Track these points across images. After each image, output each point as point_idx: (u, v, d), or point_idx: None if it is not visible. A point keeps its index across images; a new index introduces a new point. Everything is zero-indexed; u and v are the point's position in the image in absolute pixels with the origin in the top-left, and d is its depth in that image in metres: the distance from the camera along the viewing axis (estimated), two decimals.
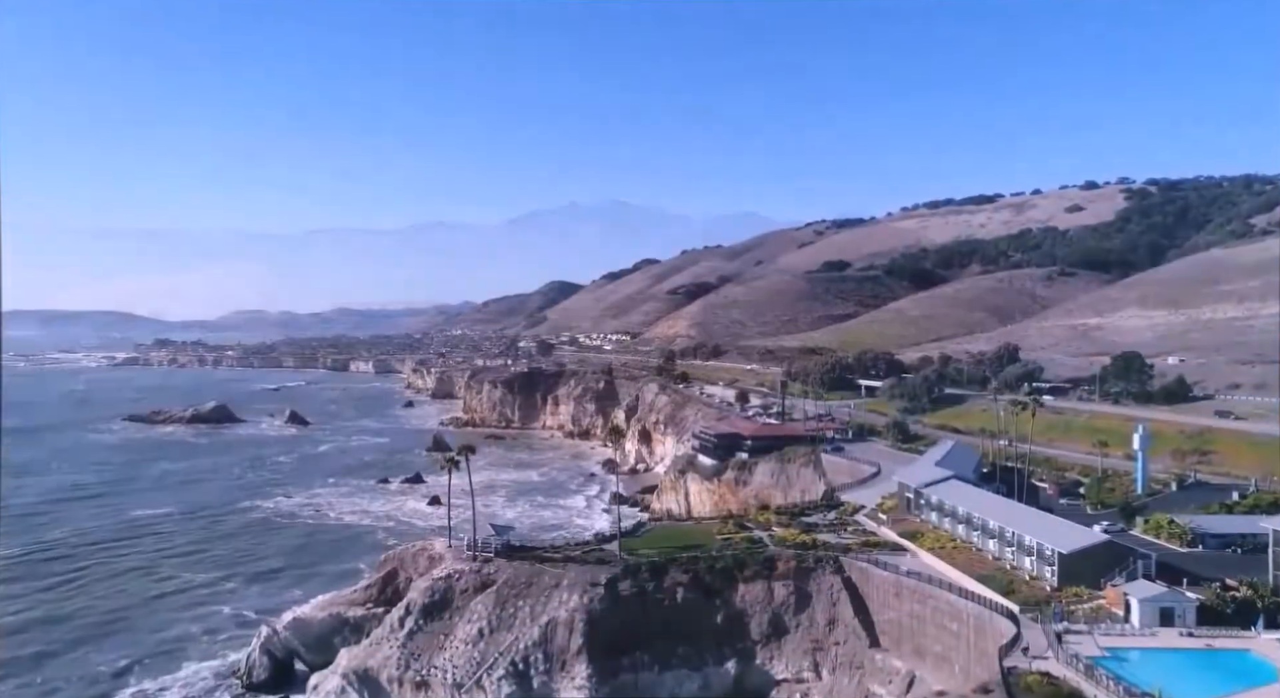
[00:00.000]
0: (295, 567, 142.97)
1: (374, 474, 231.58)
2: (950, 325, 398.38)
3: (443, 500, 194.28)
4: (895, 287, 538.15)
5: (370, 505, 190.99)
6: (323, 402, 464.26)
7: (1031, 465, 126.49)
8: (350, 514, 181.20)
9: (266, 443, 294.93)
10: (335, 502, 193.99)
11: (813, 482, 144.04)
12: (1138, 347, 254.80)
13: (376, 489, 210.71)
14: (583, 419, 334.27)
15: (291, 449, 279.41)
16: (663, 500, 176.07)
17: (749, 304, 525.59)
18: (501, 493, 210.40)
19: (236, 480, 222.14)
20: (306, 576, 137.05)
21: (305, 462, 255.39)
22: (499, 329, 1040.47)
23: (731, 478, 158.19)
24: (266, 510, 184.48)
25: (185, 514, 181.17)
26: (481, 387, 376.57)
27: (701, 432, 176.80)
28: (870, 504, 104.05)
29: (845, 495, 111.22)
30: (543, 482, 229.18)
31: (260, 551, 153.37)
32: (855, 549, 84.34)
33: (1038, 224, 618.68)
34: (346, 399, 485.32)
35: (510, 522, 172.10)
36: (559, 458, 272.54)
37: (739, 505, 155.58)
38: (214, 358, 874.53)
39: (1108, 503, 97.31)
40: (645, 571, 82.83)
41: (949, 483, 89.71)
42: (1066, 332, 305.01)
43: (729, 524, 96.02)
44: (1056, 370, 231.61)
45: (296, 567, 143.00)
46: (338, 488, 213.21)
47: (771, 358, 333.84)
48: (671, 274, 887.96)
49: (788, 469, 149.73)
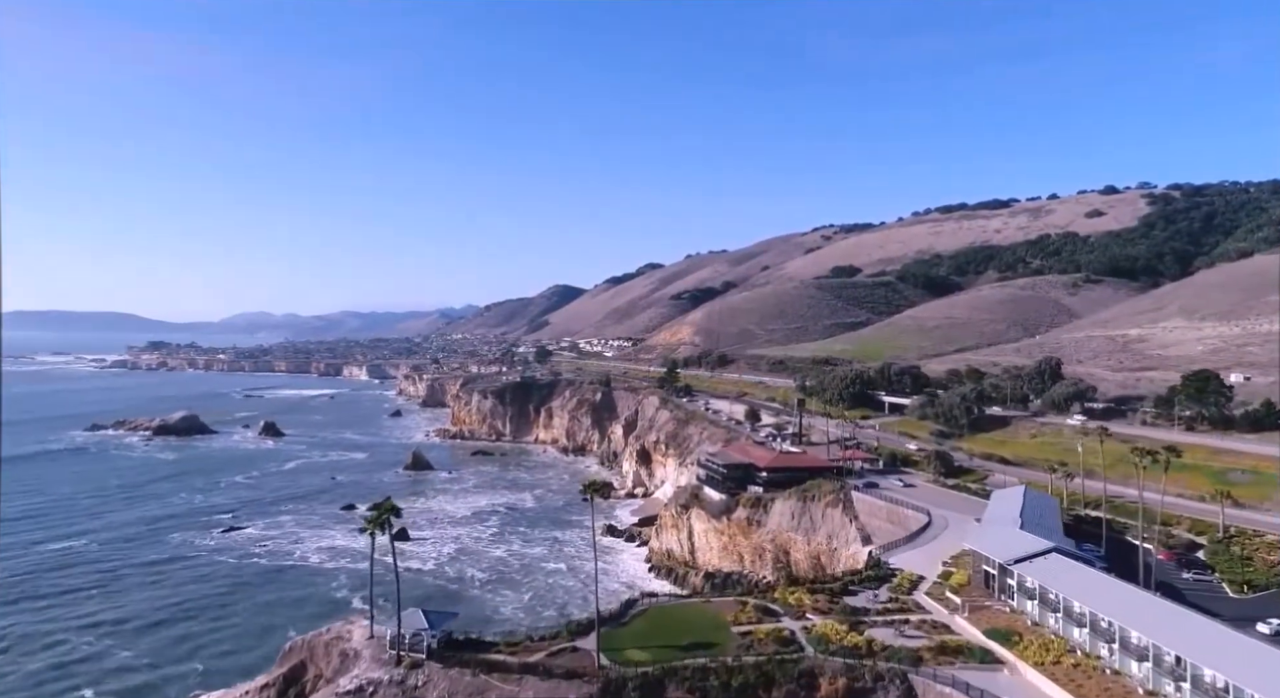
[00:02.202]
0: (208, 637, 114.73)
1: (341, 498, 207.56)
2: (971, 335, 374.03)
3: (411, 534, 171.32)
4: (909, 293, 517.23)
5: (328, 539, 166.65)
6: (307, 410, 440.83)
7: (1119, 516, 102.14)
8: (302, 552, 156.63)
9: (232, 458, 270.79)
10: (288, 534, 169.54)
11: (842, 526, 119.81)
12: (1189, 361, 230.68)
13: (340, 518, 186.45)
14: (578, 434, 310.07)
15: (258, 466, 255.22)
16: (662, 539, 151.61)
17: (756, 311, 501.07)
18: (492, 522, 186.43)
19: (183, 504, 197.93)
20: (218, 652, 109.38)
21: (268, 481, 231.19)
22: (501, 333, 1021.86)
23: (743, 517, 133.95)
24: (203, 548, 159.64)
25: (103, 547, 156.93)
26: (471, 397, 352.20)
27: (708, 460, 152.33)
28: (930, 575, 79.66)
29: (894, 559, 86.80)
30: (536, 508, 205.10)
31: (171, 609, 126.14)
32: (928, 659, 59.91)
33: (1056, 230, 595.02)
34: (332, 408, 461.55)
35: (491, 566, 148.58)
36: (554, 478, 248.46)
37: (752, 552, 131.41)
38: (205, 361, 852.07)
39: (1253, 581, 72.76)
40: (634, 689, 58.58)
41: (1049, 560, 65.43)
42: (1105, 344, 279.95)
43: (748, 609, 71.57)
44: (1100, 387, 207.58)
45: (209, 637, 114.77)
46: (296, 515, 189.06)
47: (782, 369, 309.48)
48: (675, 278, 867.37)
49: (811, 509, 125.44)
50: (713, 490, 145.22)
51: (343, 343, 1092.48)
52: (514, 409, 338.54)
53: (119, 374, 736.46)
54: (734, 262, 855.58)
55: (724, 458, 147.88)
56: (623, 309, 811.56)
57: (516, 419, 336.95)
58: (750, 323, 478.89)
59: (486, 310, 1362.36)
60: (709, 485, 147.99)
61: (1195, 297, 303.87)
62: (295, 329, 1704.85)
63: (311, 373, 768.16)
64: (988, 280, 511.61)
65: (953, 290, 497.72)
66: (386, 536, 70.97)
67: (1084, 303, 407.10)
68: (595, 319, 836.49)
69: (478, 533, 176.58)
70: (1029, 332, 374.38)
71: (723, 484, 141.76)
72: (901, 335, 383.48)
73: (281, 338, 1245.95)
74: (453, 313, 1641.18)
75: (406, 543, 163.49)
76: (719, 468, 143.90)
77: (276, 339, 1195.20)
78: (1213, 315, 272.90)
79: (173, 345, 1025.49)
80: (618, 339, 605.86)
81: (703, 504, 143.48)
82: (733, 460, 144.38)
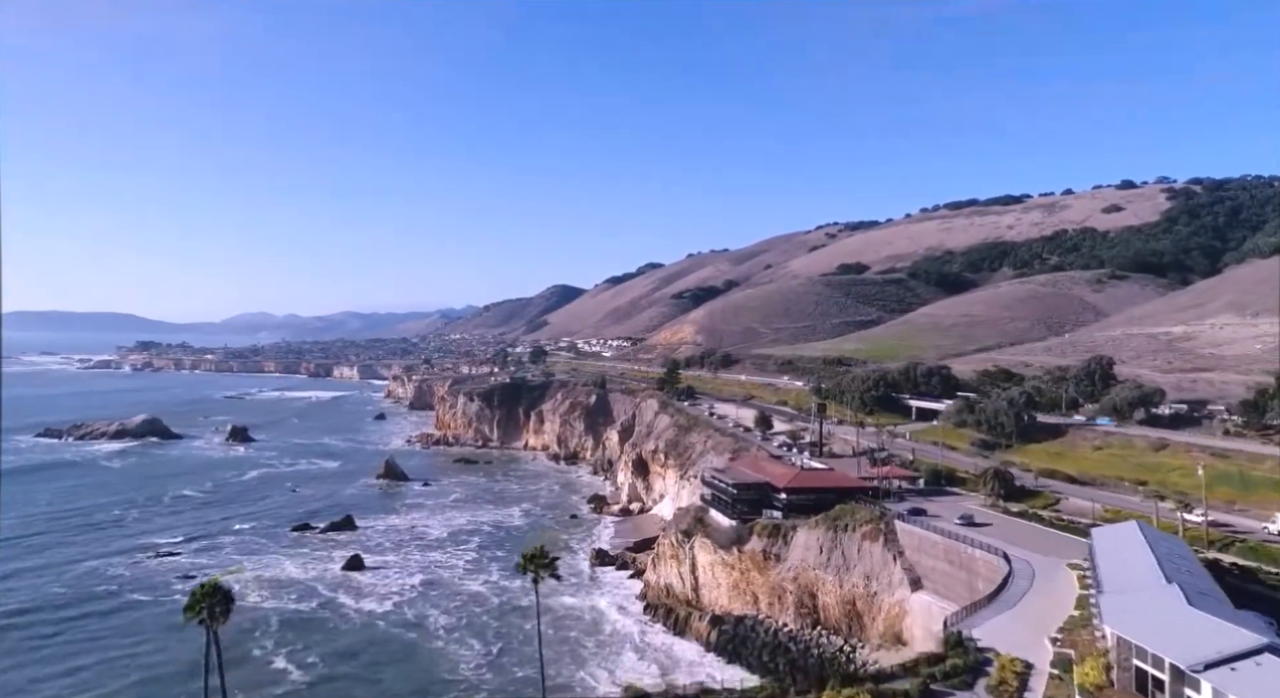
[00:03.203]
0: None
1: (297, 514, 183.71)
2: (992, 334, 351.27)
3: (368, 562, 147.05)
4: (920, 291, 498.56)
5: (269, 567, 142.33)
6: (287, 412, 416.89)
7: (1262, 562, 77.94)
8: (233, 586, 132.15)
9: (189, 467, 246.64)
10: (223, 563, 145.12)
11: (883, 565, 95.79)
12: (1249, 360, 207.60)
13: (287, 540, 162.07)
14: (570, 440, 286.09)
15: (214, 476, 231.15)
16: (660, 572, 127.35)
17: (760, 309, 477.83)
18: (470, 545, 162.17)
19: (111, 523, 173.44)
20: None
21: (221, 494, 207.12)
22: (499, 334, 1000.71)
23: (758, 549, 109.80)
24: (113, 580, 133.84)
25: None
26: (456, 399, 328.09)
27: (714, 477, 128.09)
28: (1039, 661, 55.53)
29: (978, 630, 62.58)
30: (522, 526, 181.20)
31: (32, 666, 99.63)
32: None
33: (1073, 225, 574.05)
34: (313, 410, 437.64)
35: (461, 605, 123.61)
36: (544, 490, 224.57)
37: (769, 592, 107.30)
38: (192, 362, 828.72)
39: None
40: None
41: (1264, 666, 41.49)
42: (1146, 342, 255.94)
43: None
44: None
45: None
46: (239, 536, 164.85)
47: (792, 370, 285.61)
48: (676, 278, 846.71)
49: (843, 541, 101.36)
50: (720, 515, 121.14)
51: (338, 343, 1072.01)
52: (502, 413, 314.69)
53: (100, 375, 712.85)
54: (736, 261, 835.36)
55: (734, 475, 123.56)
56: (623, 309, 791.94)
57: (505, 424, 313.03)
58: (755, 321, 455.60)
59: (485, 310, 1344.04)
60: (716, 508, 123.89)
61: (1244, 292, 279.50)
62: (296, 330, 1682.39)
63: (301, 374, 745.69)
64: (1003, 277, 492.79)
65: (967, 288, 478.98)
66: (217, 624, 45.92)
67: (1110, 300, 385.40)
68: (595, 319, 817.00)
69: (452, 559, 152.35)
70: (1053, 330, 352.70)
71: (733, 508, 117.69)
72: (917, 334, 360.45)
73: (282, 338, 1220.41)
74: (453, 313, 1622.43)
75: (362, 574, 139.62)
76: (728, 488, 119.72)
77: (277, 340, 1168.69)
78: (1266, 311, 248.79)
79: (162, 345, 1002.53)
80: (617, 339, 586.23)
81: (709, 532, 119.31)
82: (745, 479, 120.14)
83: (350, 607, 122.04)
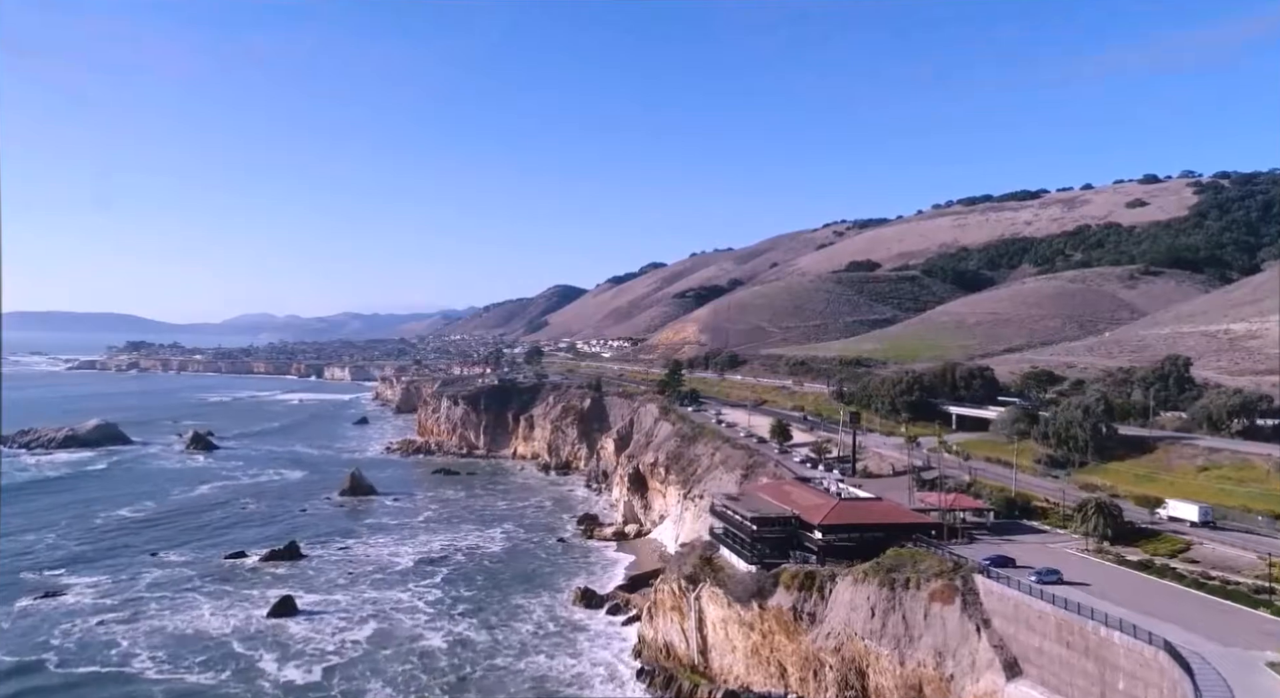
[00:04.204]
0: None
1: (238, 539, 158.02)
2: (1020, 333, 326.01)
3: (299, 604, 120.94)
4: (936, 288, 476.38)
5: (184, 613, 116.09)
6: (264, 416, 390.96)
7: None
8: (127, 644, 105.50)
9: (135, 480, 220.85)
10: (129, 604, 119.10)
11: (962, 638, 69.82)
12: None
13: (217, 574, 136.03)
14: (562, 448, 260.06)
15: (160, 490, 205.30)
16: (658, 625, 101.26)
17: (768, 307, 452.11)
18: (437, 579, 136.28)
19: (19, 552, 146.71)
20: None
21: (159, 514, 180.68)
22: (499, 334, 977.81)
23: (787, 606, 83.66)
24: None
25: None
26: (440, 402, 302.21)
27: (726, 506, 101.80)
28: None
29: None
30: (502, 553, 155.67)
31: None
32: None
33: (1095, 220, 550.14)
34: (293, 413, 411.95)
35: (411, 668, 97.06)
36: (531, 507, 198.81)
37: (801, 664, 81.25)
38: (179, 362, 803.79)
39: None
40: None
41: None
42: (1202, 341, 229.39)
43: None
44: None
45: None
46: (164, 568, 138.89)
47: (805, 371, 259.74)
48: (679, 277, 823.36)
49: (904, 602, 75.25)
50: (734, 556, 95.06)
51: (334, 344, 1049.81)
52: (489, 417, 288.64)
53: (80, 376, 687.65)
54: (740, 259, 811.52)
55: (752, 505, 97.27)
56: (624, 309, 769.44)
57: (492, 429, 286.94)
58: (762, 320, 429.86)
59: (485, 311, 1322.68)
60: (729, 547, 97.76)
61: None
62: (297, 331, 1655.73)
63: (292, 375, 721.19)
64: (1023, 274, 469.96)
65: (985, 285, 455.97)
66: None
67: (1145, 297, 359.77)
68: (596, 319, 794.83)
69: (412, 599, 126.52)
70: (1085, 328, 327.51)
71: (751, 548, 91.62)
72: (940, 333, 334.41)
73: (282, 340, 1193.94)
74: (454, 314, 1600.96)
75: (295, 622, 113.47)
76: (745, 522, 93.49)
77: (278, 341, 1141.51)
78: None
79: (154, 345, 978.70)
80: (617, 339, 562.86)
81: (720, 578, 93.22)
82: (767, 512, 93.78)
83: (267, 675, 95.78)
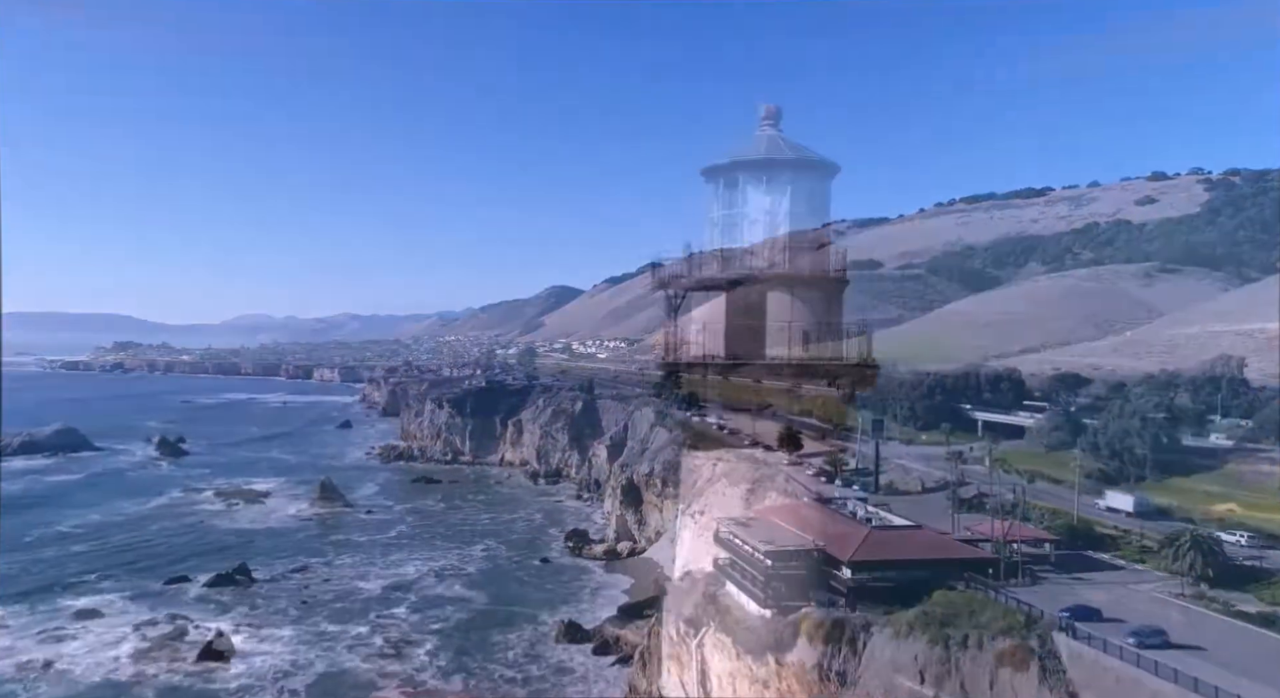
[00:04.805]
0: None
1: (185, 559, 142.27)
2: (1035, 333, 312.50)
3: (233, 649, 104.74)
4: (942, 287, 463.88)
5: (91, 653, 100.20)
6: (243, 419, 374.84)
7: None
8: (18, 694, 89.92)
9: (88, 490, 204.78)
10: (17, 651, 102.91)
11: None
12: None
13: (151, 602, 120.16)
14: (552, 454, 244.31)
15: (112, 503, 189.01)
16: (652, 676, 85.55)
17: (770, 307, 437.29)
18: (401, 610, 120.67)
19: None
20: None
21: (105, 530, 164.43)
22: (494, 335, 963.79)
23: (809, 662, 67.65)
24: None
25: None
26: (424, 406, 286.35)
27: (733, 534, 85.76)
28: None
29: None
30: (480, 577, 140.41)
31: None
32: None
33: (1104, 218, 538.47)
34: (274, 416, 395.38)
35: None
36: (518, 520, 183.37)
37: None
38: (166, 364, 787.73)
39: None
40: None
41: None
42: (1239, 341, 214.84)
43: None
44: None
45: None
46: (93, 594, 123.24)
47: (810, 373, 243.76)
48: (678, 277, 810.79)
49: (961, 665, 59.53)
50: (744, 595, 79.09)
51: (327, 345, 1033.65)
52: (475, 422, 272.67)
53: (61, 376, 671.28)
54: None
55: (765, 535, 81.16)
56: (621, 309, 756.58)
57: (478, 434, 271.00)
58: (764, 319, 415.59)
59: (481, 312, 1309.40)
60: (737, 583, 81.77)
61: None
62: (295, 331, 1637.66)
63: (280, 376, 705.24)
64: (1030, 273, 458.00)
65: (992, 284, 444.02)
66: None
67: (1163, 295, 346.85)
68: (593, 320, 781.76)
69: (372, 634, 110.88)
70: (1102, 328, 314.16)
71: (765, 587, 75.50)
72: (950, 333, 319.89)
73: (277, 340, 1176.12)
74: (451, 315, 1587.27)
75: (227, 668, 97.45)
76: (757, 555, 77.47)
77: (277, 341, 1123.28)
78: None
79: (140, 346, 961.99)
80: (613, 340, 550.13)
81: (727, 623, 77.32)
82: (783, 543, 77.78)
83: None
